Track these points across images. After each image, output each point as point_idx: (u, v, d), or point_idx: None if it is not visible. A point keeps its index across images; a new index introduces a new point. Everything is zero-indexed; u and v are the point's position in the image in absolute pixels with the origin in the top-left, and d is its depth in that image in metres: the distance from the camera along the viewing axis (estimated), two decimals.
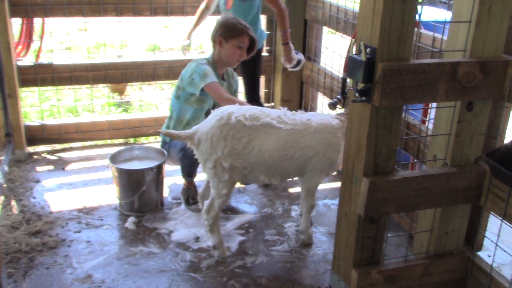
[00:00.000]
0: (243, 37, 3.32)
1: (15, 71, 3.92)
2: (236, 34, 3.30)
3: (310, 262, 2.98)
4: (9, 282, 2.68)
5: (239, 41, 3.31)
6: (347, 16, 3.81)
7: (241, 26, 3.31)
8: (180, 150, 3.34)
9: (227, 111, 2.74)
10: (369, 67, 2.09)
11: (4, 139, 4.03)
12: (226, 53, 3.35)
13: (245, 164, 2.77)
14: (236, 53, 3.35)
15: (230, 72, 3.59)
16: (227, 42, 3.32)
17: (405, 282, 2.55)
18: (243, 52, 3.37)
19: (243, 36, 3.31)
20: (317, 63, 4.44)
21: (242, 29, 3.31)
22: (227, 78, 3.54)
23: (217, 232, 2.92)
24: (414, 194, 2.35)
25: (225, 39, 3.31)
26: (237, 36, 3.30)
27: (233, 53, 3.34)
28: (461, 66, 2.18)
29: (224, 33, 3.31)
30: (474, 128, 2.40)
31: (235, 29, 3.30)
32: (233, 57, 3.37)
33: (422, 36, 2.95)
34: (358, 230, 2.42)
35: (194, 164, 3.25)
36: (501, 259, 3.00)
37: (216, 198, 2.84)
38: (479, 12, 2.18)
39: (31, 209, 3.39)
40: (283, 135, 2.78)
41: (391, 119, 2.24)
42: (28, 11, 3.94)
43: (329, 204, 3.63)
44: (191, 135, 2.80)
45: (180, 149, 3.33)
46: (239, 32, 3.30)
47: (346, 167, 2.45)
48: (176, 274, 2.82)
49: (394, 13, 2.04)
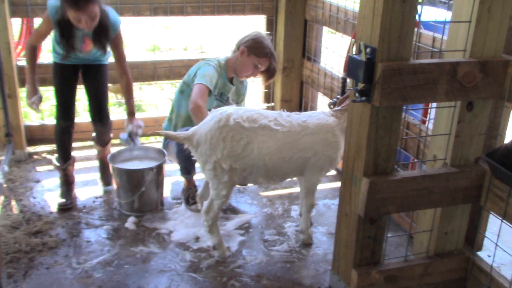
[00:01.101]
0: (264, 60, 3.39)
1: (15, 71, 3.92)
2: (260, 54, 3.37)
3: (310, 262, 2.98)
4: (9, 282, 2.68)
5: (258, 61, 3.38)
6: (347, 16, 3.81)
7: (268, 50, 3.39)
8: (176, 144, 3.35)
9: (225, 113, 2.74)
10: (369, 67, 2.09)
11: (4, 139, 4.03)
12: (242, 64, 3.42)
13: (244, 166, 2.77)
14: (250, 69, 3.43)
15: None
16: (248, 56, 3.38)
17: (405, 282, 2.55)
18: (256, 71, 3.45)
19: (264, 59, 3.39)
20: (317, 63, 4.44)
21: (267, 53, 3.38)
22: (236, 82, 3.57)
23: (217, 232, 2.92)
24: (414, 194, 2.35)
25: (248, 52, 3.37)
26: (260, 56, 3.38)
27: (247, 68, 3.42)
28: (461, 66, 2.18)
29: (250, 47, 3.37)
30: (474, 128, 2.40)
31: (262, 50, 3.37)
32: (245, 71, 3.45)
33: (422, 36, 2.95)
34: (358, 230, 2.42)
35: (190, 158, 3.25)
36: (501, 259, 3.00)
37: (215, 199, 2.84)
38: (479, 12, 2.18)
39: (31, 209, 3.39)
40: (281, 137, 2.78)
41: (391, 119, 2.24)
42: (28, 11, 3.93)
43: (329, 204, 3.63)
44: (190, 137, 2.79)
45: (176, 143, 3.33)
46: (264, 54, 3.38)
47: (346, 167, 2.45)
48: (176, 274, 2.82)
49: (394, 13, 2.04)
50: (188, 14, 4.32)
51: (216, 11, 4.35)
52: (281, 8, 4.43)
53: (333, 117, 2.93)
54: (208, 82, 3.28)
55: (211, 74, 3.32)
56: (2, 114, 3.93)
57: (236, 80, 3.56)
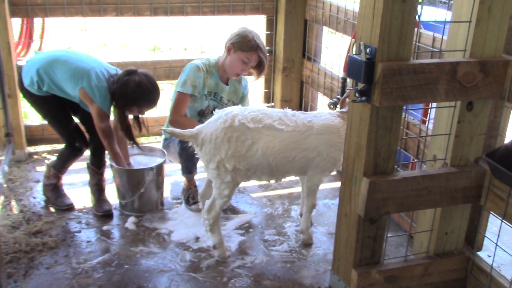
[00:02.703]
0: (251, 54, 3.27)
1: (15, 71, 3.92)
2: (245, 49, 3.26)
3: (310, 262, 2.98)
4: (9, 282, 2.68)
5: (246, 56, 3.27)
6: (347, 16, 3.81)
7: (254, 43, 3.26)
8: (178, 143, 3.34)
9: (231, 113, 2.75)
10: (369, 67, 2.09)
11: (4, 139, 4.03)
12: (230, 62, 3.33)
13: (248, 166, 2.78)
14: (239, 66, 3.32)
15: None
16: (235, 52, 3.29)
17: (405, 282, 2.55)
18: (246, 67, 3.33)
19: (251, 53, 3.27)
20: (317, 63, 4.44)
21: (253, 46, 3.26)
22: (233, 83, 3.53)
23: (218, 232, 2.92)
24: (414, 194, 2.34)
25: (233, 48, 3.29)
26: (246, 51, 3.26)
27: (236, 64, 3.32)
28: (461, 66, 2.18)
29: (235, 43, 3.28)
30: (474, 128, 2.40)
31: (247, 44, 3.25)
32: (234, 69, 3.34)
33: (422, 36, 2.95)
34: (358, 230, 2.42)
35: (193, 158, 3.25)
36: (501, 259, 3.00)
37: (217, 198, 2.84)
38: (479, 12, 2.18)
39: (31, 209, 3.40)
40: (285, 137, 2.78)
41: (391, 119, 2.24)
42: (28, 11, 3.94)
43: (329, 204, 3.63)
44: (195, 135, 2.79)
45: (179, 142, 3.33)
46: (249, 47, 3.26)
47: (346, 167, 2.45)
48: (176, 274, 2.83)
49: (394, 13, 2.04)
50: (188, 14, 4.32)
51: (216, 11, 4.35)
52: (281, 8, 4.43)
53: (339, 118, 2.93)
54: (188, 87, 3.29)
55: (192, 77, 3.31)
56: (2, 114, 3.93)
57: (233, 81, 3.53)
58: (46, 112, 3.36)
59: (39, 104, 3.33)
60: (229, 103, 3.53)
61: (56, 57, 3.20)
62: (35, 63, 3.20)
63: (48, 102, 3.29)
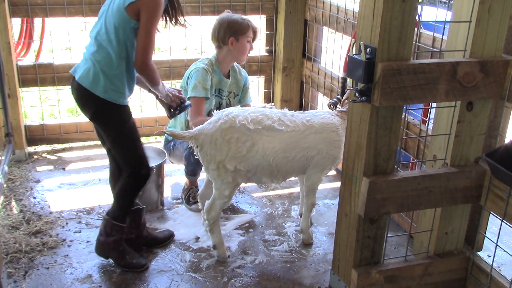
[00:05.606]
0: (249, 32, 3.43)
1: (15, 71, 3.93)
2: (244, 31, 3.41)
3: (310, 262, 2.98)
4: (9, 282, 2.68)
5: (247, 36, 3.43)
6: (347, 16, 3.80)
7: (243, 20, 3.42)
8: (187, 147, 3.35)
9: (231, 114, 2.75)
10: (369, 67, 2.09)
11: (4, 139, 4.02)
12: (238, 50, 3.44)
13: (249, 167, 2.78)
14: (246, 47, 3.47)
15: (237, 67, 3.61)
16: (238, 41, 3.41)
17: (405, 282, 2.55)
18: (251, 44, 3.49)
19: (248, 30, 3.42)
20: (317, 63, 4.44)
21: (246, 24, 3.42)
22: (233, 74, 3.59)
23: (218, 232, 2.92)
24: (414, 194, 2.35)
25: (235, 38, 3.40)
26: (245, 32, 3.41)
27: (244, 48, 3.46)
28: (461, 66, 2.18)
29: (233, 32, 3.39)
30: (474, 128, 2.40)
31: (241, 25, 3.41)
32: (244, 52, 3.48)
33: (422, 36, 2.95)
34: (358, 230, 2.42)
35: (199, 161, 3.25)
36: (501, 259, 3.00)
37: (217, 199, 2.84)
38: (479, 12, 2.18)
39: (31, 209, 3.39)
40: (285, 137, 2.79)
41: (391, 119, 2.24)
42: (28, 11, 3.94)
43: (329, 204, 3.63)
44: (196, 136, 2.79)
45: (188, 147, 3.34)
46: (245, 27, 3.41)
47: (346, 167, 2.45)
48: (176, 274, 2.82)
49: (394, 13, 2.04)
50: (188, 14, 4.31)
51: (216, 11, 4.35)
52: (281, 8, 4.43)
53: (338, 116, 2.96)
54: (201, 91, 3.33)
55: (202, 80, 3.34)
56: (2, 114, 3.93)
57: (233, 72, 3.59)
58: (124, 122, 2.63)
59: (113, 112, 2.60)
60: (230, 95, 3.56)
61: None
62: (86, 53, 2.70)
63: (125, 107, 2.65)
